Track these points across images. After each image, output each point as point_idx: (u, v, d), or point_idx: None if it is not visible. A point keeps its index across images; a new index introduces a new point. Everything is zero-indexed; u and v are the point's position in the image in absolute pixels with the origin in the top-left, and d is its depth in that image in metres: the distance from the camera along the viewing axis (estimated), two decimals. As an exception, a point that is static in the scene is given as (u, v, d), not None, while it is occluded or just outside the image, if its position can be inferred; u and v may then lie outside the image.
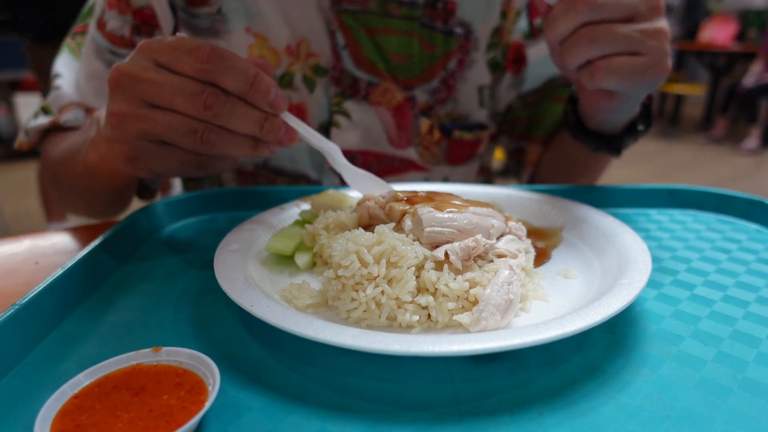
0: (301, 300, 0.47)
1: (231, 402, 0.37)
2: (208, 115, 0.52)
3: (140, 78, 0.52)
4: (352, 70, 0.85)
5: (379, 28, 0.84)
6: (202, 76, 0.52)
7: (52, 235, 0.72)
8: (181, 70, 0.52)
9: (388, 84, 0.87)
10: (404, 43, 0.85)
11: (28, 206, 3.69)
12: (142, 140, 0.55)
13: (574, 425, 0.35)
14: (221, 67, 0.51)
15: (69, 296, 0.50)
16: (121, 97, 0.54)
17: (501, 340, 0.37)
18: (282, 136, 0.56)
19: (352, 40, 0.83)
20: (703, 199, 0.77)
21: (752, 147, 5.50)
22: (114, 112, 0.54)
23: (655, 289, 0.53)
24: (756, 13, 6.56)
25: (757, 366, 0.41)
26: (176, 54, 0.52)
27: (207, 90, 0.51)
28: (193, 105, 0.52)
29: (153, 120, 0.53)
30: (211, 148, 0.54)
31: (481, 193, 0.72)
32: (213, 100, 0.51)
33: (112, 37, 0.83)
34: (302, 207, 0.67)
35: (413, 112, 0.90)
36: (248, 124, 0.54)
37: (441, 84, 0.89)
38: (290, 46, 0.83)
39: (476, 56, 0.90)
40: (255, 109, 0.54)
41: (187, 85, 0.51)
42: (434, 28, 0.86)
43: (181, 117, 0.53)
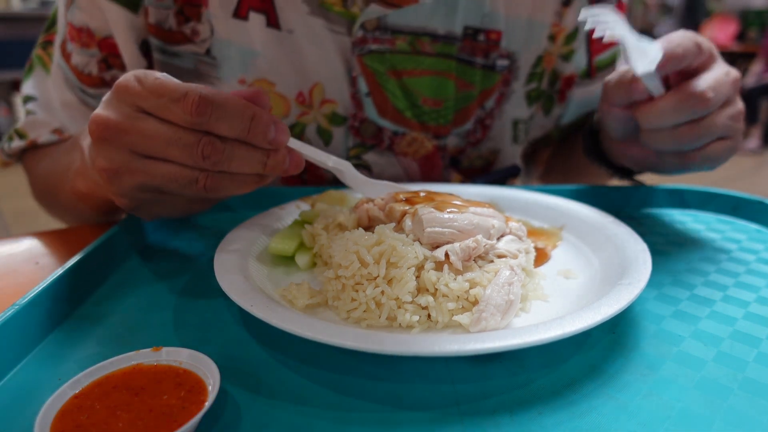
0: (301, 300, 0.47)
1: (231, 402, 0.37)
2: (208, 164, 0.48)
3: (127, 129, 0.47)
4: (375, 119, 0.76)
5: (408, 69, 0.74)
6: (195, 127, 0.47)
7: (52, 235, 0.72)
8: (170, 119, 0.47)
9: (416, 133, 0.78)
10: (437, 85, 0.76)
11: (28, 206, 3.69)
12: (141, 192, 0.51)
13: (574, 425, 0.35)
14: (214, 117, 0.46)
15: (69, 296, 0.50)
16: (108, 152, 0.49)
17: (501, 340, 0.37)
18: (290, 166, 0.53)
19: (377, 86, 0.74)
20: (703, 199, 0.77)
21: (752, 147, 5.51)
22: (104, 168, 0.50)
23: (655, 289, 0.53)
24: (756, 13, 6.56)
25: (757, 366, 0.41)
26: (161, 102, 0.46)
27: (203, 140, 0.47)
28: (189, 156, 0.47)
29: (149, 173, 0.49)
30: (215, 193, 0.51)
31: (482, 193, 0.72)
32: (211, 150, 0.47)
33: (79, 75, 0.75)
34: (302, 207, 0.67)
35: (443, 162, 0.81)
36: (251, 165, 0.50)
37: (476, 124, 0.81)
38: (302, 93, 0.75)
39: (515, 87, 0.82)
40: (256, 149, 0.50)
41: (179, 135, 0.47)
42: (473, 64, 0.77)
43: (180, 168, 0.49)
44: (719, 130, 0.60)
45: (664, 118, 0.59)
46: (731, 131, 0.61)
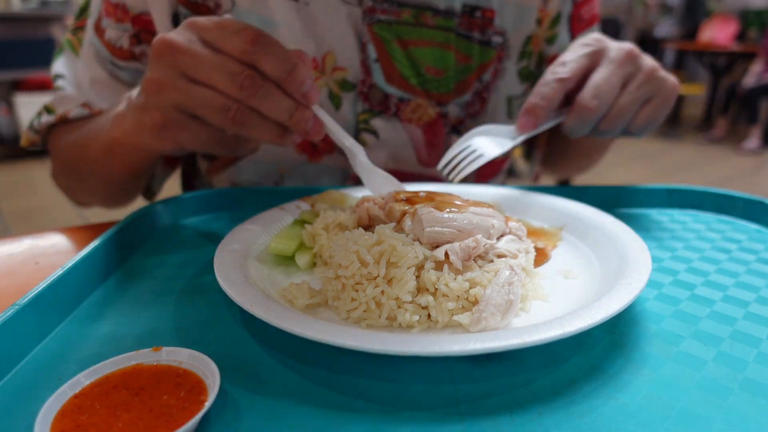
0: (301, 300, 0.47)
1: (231, 402, 0.37)
2: (243, 95, 0.53)
3: (183, 50, 0.53)
4: (382, 85, 0.81)
5: (413, 39, 0.80)
6: (245, 58, 0.53)
7: (52, 235, 0.72)
8: (225, 49, 0.53)
9: (420, 100, 0.83)
10: (439, 55, 0.82)
11: (28, 206, 3.69)
12: (175, 111, 0.56)
13: (574, 425, 0.35)
14: (264, 51, 0.52)
15: (69, 296, 0.50)
16: (161, 67, 0.55)
17: (501, 340, 0.37)
18: (310, 128, 0.57)
19: (385, 53, 0.80)
20: (703, 199, 0.77)
21: (752, 147, 5.50)
22: (152, 80, 0.55)
23: (655, 289, 0.53)
24: (756, 13, 6.56)
25: (757, 366, 0.41)
26: (222, 33, 0.53)
27: (246, 71, 0.52)
28: (230, 84, 0.53)
29: (189, 93, 0.54)
30: (241, 128, 0.55)
31: (482, 193, 0.72)
32: (250, 82, 0.52)
33: (112, 48, 0.80)
34: (302, 207, 0.67)
35: (446, 129, 0.86)
36: (280, 110, 0.55)
37: (474, 97, 0.86)
38: (315, 60, 0.79)
39: (508, 65, 0.87)
40: (288, 97, 0.55)
41: (227, 64, 0.53)
42: (471, 39, 0.83)
43: (217, 94, 0.54)
44: (635, 104, 0.66)
45: (578, 131, 0.68)
46: (650, 93, 0.67)
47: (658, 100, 0.68)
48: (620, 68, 0.65)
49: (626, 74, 0.66)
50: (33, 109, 5.25)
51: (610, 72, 0.65)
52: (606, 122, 0.67)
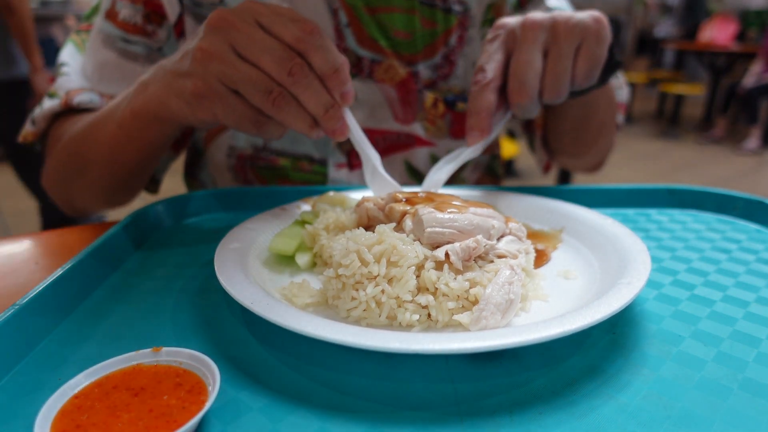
0: (301, 299, 0.47)
1: (231, 402, 0.37)
2: (288, 81, 0.55)
3: (238, 27, 0.55)
4: (355, 48, 0.86)
5: (380, 6, 0.85)
6: (297, 46, 0.55)
7: (52, 235, 0.72)
8: (280, 35, 0.55)
9: (391, 60, 0.88)
10: (405, 20, 0.86)
11: (28, 206, 3.69)
12: (218, 82, 0.57)
13: (574, 425, 0.35)
14: (317, 44, 0.55)
15: (69, 296, 0.50)
16: (214, 38, 0.56)
17: (501, 338, 0.37)
18: (337, 127, 0.59)
19: (355, 18, 0.85)
20: (703, 199, 0.77)
21: (752, 147, 5.51)
22: (203, 48, 0.56)
23: (655, 289, 0.53)
24: (756, 13, 6.57)
25: (757, 366, 0.41)
26: (280, 19, 0.55)
27: (296, 59, 0.55)
28: (278, 68, 0.54)
29: (237, 67, 0.55)
30: (278, 112, 0.57)
31: (482, 194, 0.72)
32: (298, 70, 0.55)
33: (125, 25, 0.84)
34: (302, 207, 0.67)
35: (417, 86, 0.91)
36: (317, 103, 0.57)
37: (443, 60, 0.91)
38: None
39: (473, 33, 0.92)
40: (328, 93, 0.57)
41: (279, 48, 0.55)
42: (434, 6, 0.87)
43: (263, 75, 0.55)
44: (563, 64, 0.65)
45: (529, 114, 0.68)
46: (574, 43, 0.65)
47: (587, 44, 0.66)
48: (532, 43, 0.65)
49: (541, 43, 0.65)
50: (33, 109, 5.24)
51: (524, 52, 0.65)
52: (547, 95, 0.66)
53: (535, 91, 0.65)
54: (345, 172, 0.91)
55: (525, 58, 0.65)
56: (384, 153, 0.93)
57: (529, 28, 0.65)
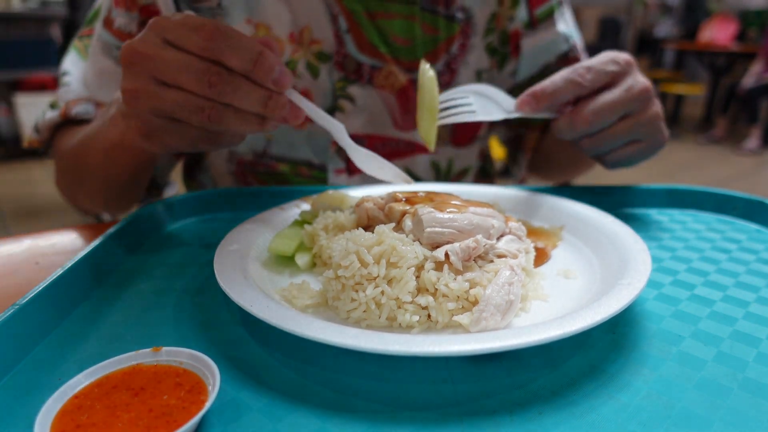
0: (300, 300, 0.47)
1: (231, 402, 0.37)
2: (212, 93, 0.53)
3: (149, 55, 0.53)
4: (355, 54, 0.86)
5: (380, 12, 0.84)
6: (207, 54, 0.52)
7: (52, 235, 0.72)
8: (188, 48, 0.53)
9: (391, 67, 0.87)
10: (406, 26, 0.86)
11: (28, 206, 3.69)
12: (154, 116, 0.56)
13: (574, 425, 0.35)
14: (225, 45, 0.52)
15: (69, 296, 0.50)
16: (132, 74, 0.55)
17: (501, 340, 0.37)
18: (287, 114, 0.57)
19: (355, 24, 0.84)
20: (703, 199, 0.77)
21: (752, 147, 5.50)
22: (126, 89, 0.56)
23: (655, 289, 0.53)
24: (756, 13, 6.56)
25: (757, 366, 0.41)
26: (183, 31, 0.53)
27: (212, 69, 0.52)
28: (198, 83, 0.53)
29: (162, 97, 0.54)
30: (219, 125, 0.55)
31: (481, 193, 0.72)
32: (217, 80, 0.52)
33: (120, 34, 0.84)
34: (302, 207, 0.67)
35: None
36: (252, 102, 0.54)
37: (445, 67, 0.90)
38: (293, 34, 0.84)
39: (475, 41, 0.91)
40: (259, 87, 0.54)
41: (192, 63, 0.52)
42: (436, 13, 0.87)
43: (189, 95, 0.54)
44: (623, 138, 0.69)
45: (563, 135, 0.70)
46: (641, 135, 0.69)
47: (644, 145, 0.70)
48: (629, 101, 0.67)
49: (631, 109, 0.67)
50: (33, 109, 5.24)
51: (618, 99, 0.66)
52: (589, 141, 0.70)
53: (595, 128, 0.67)
54: (344, 177, 0.91)
55: (616, 105, 0.66)
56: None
57: (639, 92, 0.67)
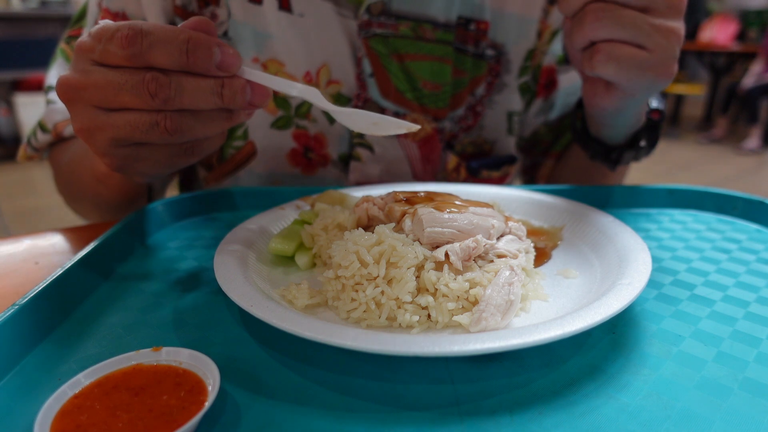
0: (300, 300, 0.47)
1: (231, 402, 0.37)
2: (158, 103, 0.46)
3: (83, 85, 0.47)
4: (377, 99, 0.80)
5: (410, 53, 0.78)
6: (134, 62, 0.46)
7: (52, 235, 0.72)
8: (113, 62, 0.46)
9: (416, 115, 0.82)
10: (437, 69, 0.80)
11: (28, 206, 3.69)
12: (117, 147, 0.51)
13: (574, 425, 0.35)
14: (147, 45, 0.45)
15: (69, 296, 0.50)
16: (76, 111, 0.50)
17: (501, 340, 0.37)
18: (251, 96, 0.49)
19: (381, 67, 0.78)
20: (703, 199, 0.77)
21: (752, 147, 5.50)
22: (78, 129, 0.50)
23: (655, 289, 0.53)
24: (756, 13, 6.55)
25: (757, 366, 0.41)
26: (102, 46, 0.46)
27: (146, 77, 0.46)
28: (139, 98, 0.46)
29: (114, 125, 0.48)
30: (182, 135, 0.49)
31: (482, 193, 0.72)
32: (156, 86, 0.46)
33: None
34: (302, 207, 0.67)
35: (441, 144, 0.85)
36: (205, 97, 0.47)
37: (468, 111, 0.85)
38: (309, 73, 0.78)
39: (507, 80, 0.85)
40: (205, 78, 0.47)
41: (125, 78, 0.46)
42: (465, 52, 0.81)
43: (136, 113, 0.48)
44: (629, 27, 0.57)
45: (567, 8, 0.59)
46: (650, 42, 0.57)
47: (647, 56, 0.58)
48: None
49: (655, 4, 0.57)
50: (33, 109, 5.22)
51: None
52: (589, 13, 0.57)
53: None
54: None
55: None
56: None
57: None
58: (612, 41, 0.58)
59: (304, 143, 0.83)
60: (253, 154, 0.84)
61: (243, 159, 0.84)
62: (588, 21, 0.57)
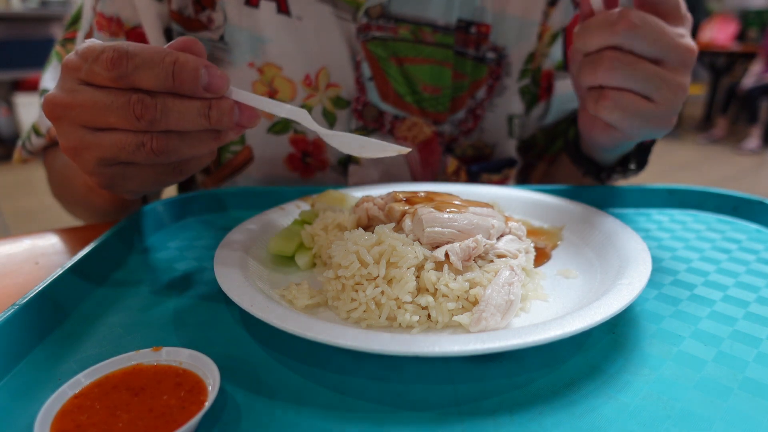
0: (300, 300, 0.47)
1: (231, 402, 0.37)
2: (144, 125, 0.46)
3: (70, 104, 0.47)
4: (377, 103, 0.80)
5: (410, 57, 0.78)
6: (120, 84, 0.45)
7: (52, 235, 0.72)
8: (100, 83, 0.46)
9: (416, 118, 0.81)
10: (436, 73, 0.80)
11: (28, 206, 3.69)
12: (104, 167, 0.50)
13: (574, 425, 0.35)
14: (132, 67, 0.45)
15: (69, 296, 0.50)
16: (63, 130, 0.49)
17: (501, 340, 0.37)
18: (239, 117, 0.49)
19: (380, 71, 0.78)
20: (703, 199, 0.77)
21: (752, 147, 5.50)
22: (66, 148, 0.50)
23: (655, 289, 0.53)
24: (756, 13, 6.56)
25: (757, 366, 0.41)
26: (89, 66, 0.46)
27: (132, 98, 0.45)
28: (125, 119, 0.46)
29: (101, 145, 0.48)
30: (168, 156, 0.49)
31: (481, 193, 0.72)
32: (141, 108, 0.45)
33: None
34: (302, 207, 0.67)
35: (441, 148, 0.85)
36: (192, 119, 0.47)
37: (468, 114, 0.85)
38: (308, 76, 0.78)
39: (508, 83, 0.85)
40: (192, 100, 0.47)
41: (112, 99, 0.46)
42: (465, 55, 0.81)
43: (123, 134, 0.47)
44: (641, 79, 0.57)
45: (591, 36, 0.58)
46: (659, 96, 0.58)
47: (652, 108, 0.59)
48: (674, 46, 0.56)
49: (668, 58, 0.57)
50: (33, 109, 5.23)
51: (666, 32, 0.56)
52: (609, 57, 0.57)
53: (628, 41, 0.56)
54: None
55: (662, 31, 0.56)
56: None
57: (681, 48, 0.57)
58: (621, 89, 0.58)
59: (302, 148, 0.82)
60: (251, 159, 0.84)
61: (240, 164, 0.84)
62: (602, 68, 0.58)
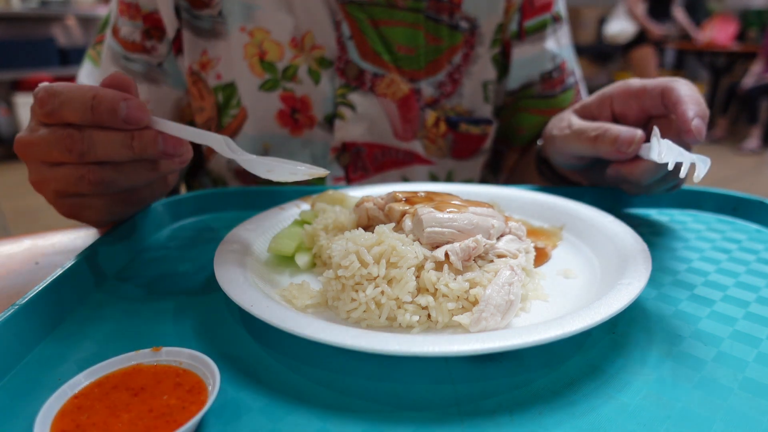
0: (300, 300, 0.47)
1: (231, 402, 0.37)
2: (75, 157, 0.51)
3: (29, 142, 0.52)
4: (357, 61, 0.86)
5: (384, 19, 0.84)
6: (52, 120, 0.50)
7: (52, 235, 0.72)
8: (45, 122, 0.51)
9: (393, 75, 0.87)
10: (410, 35, 0.86)
11: (28, 206, 3.69)
12: (61, 198, 0.56)
13: (574, 425, 0.35)
14: (58, 104, 0.50)
15: (69, 296, 0.50)
16: (29, 167, 0.55)
17: (501, 340, 0.37)
18: (163, 146, 0.51)
19: (358, 31, 0.84)
20: (703, 199, 0.77)
21: (752, 147, 5.50)
22: (31, 182, 0.55)
23: (655, 289, 0.53)
24: (756, 13, 6.55)
25: (757, 366, 0.41)
26: (34, 106, 0.51)
27: (62, 134, 0.50)
28: (61, 153, 0.51)
29: (54, 179, 0.53)
30: (107, 186, 0.53)
31: (481, 193, 0.72)
32: (70, 142, 0.50)
33: (125, 43, 0.85)
34: (302, 207, 0.67)
35: (419, 104, 0.90)
36: (116, 149, 0.51)
37: (447, 78, 0.90)
38: (295, 39, 0.84)
39: (481, 51, 0.91)
40: (117, 131, 0.50)
41: (51, 135, 0.51)
42: (440, 21, 0.86)
43: (68, 167, 0.52)
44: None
45: (647, 177, 0.64)
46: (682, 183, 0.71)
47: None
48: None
49: None
50: (33, 109, 5.21)
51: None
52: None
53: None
54: (343, 185, 0.91)
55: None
56: (382, 168, 0.93)
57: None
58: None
59: (291, 105, 0.87)
60: (245, 118, 0.89)
61: (238, 125, 0.89)
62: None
